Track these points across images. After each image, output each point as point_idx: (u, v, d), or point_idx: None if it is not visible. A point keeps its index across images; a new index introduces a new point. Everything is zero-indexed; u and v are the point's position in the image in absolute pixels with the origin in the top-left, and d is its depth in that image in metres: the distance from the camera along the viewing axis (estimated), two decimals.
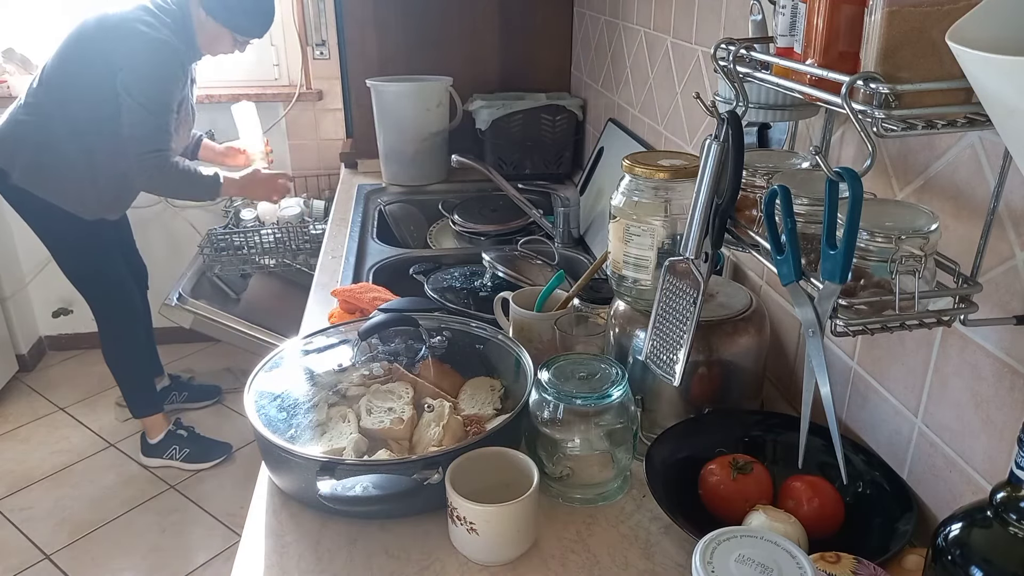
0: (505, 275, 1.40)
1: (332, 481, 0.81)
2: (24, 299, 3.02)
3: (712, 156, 0.78)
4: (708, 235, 0.80)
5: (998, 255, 0.69)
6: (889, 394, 0.87)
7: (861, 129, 0.57)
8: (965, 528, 0.54)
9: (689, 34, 1.40)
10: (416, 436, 0.93)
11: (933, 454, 0.80)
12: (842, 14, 0.62)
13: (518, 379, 1.00)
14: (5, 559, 2.11)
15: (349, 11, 2.20)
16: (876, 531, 0.79)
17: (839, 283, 0.62)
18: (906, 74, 0.56)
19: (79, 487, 2.39)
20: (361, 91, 2.17)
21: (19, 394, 2.88)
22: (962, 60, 0.47)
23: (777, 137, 1.09)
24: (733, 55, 0.76)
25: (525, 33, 2.28)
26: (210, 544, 2.18)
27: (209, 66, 2.86)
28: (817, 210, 0.69)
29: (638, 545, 0.82)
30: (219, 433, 2.58)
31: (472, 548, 0.80)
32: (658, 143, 1.60)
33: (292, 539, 0.84)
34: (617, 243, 0.96)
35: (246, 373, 0.98)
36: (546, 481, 0.88)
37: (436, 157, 2.14)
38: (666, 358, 0.86)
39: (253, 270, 2.55)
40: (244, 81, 2.91)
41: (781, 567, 0.59)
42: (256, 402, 0.93)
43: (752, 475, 0.83)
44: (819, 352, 0.67)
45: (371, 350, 1.06)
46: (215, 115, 2.87)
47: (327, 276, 1.56)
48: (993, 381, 0.71)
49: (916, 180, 0.80)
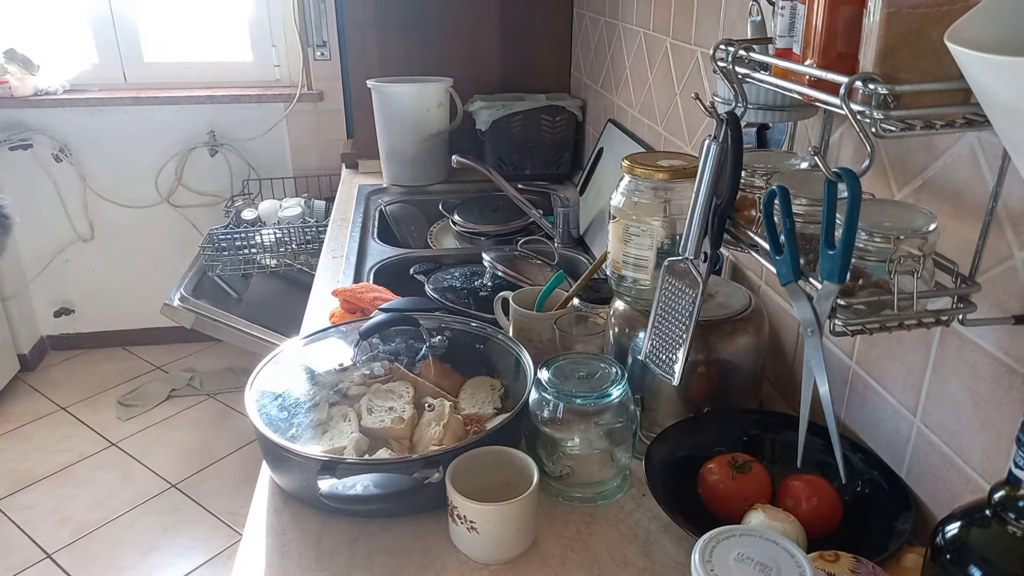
0: (505, 275, 1.40)
1: (333, 480, 0.81)
2: (26, 299, 3.02)
3: (711, 156, 0.78)
4: (707, 235, 0.81)
5: (996, 255, 0.69)
6: (888, 393, 0.87)
7: (860, 130, 0.57)
8: (964, 527, 0.55)
9: (688, 35, 1.40)
10: (416, 435, 0.93)
11: (932, 453, 0.80)
12: (841, 15, 0.62)
13: (518, 378, 1.00)
14: (6, 558, 2.11)
15: (349, 12, 2.20)
16: (875, 530, 0.79)
17: (838, 283, 0.62)
18: (905, 75, 0.56)
19: (81, 486, 2.40)
20: (362, 92, 2.18)
21: (21, 394, 2.88)
22: (961, 60, 0.47)
23: (776, 137, 1.09)
24: (732, 56, 0.76)
25: (525, 34, 2.29)
26: (211, 543, 2.18)
27: (209, 66, 2.88)
28: (816, 210, 0.70)
29: (637, 544, 0.82)
30: (219, 432, 2.59)
31: (472, 547, 0.80)
32: (657, 144, 1.60)
33: (293, 538, 0.84)
34: (617, 243, 0.97)
35: (247, 372, 0.98)
36: (546, 480, 0.88)
37: (436, 157, 2.14)
38: (665, 358, 0.86)
39: (254, 270, 2.55)
40: (244, 81, 2.92)
41: (780, 566, 0.59)
42: (257, 401, 0.94)
43: (751, 474, 0.84)
44: (818, 352, 0.67)
45: (372, 350, 1.06)
46: (216, 115, 2.88)
47: (328, 276, 1.57)
48: (991, 380, 0.71)
49: (914, 180, 0.80)
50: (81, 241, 3.00)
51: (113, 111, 2.82)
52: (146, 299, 3.03)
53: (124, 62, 2.85)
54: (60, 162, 2.85)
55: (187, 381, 2.91)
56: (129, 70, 2.86)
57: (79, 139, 2.85)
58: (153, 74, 2.87)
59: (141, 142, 2.88)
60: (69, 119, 2.81)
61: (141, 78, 2.87)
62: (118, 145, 2.87)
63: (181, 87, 2.86)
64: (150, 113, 2.85)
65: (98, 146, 2.87)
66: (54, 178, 2.88)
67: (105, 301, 3.12)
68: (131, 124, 2.85)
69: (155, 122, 2.86)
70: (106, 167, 2.90)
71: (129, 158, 2.90)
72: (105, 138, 2.86)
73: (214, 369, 3.00)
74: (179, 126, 2.88)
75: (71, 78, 2.81)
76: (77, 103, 2.76)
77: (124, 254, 3.05)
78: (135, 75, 2.87)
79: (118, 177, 2.92)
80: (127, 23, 2.79)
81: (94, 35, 2.79)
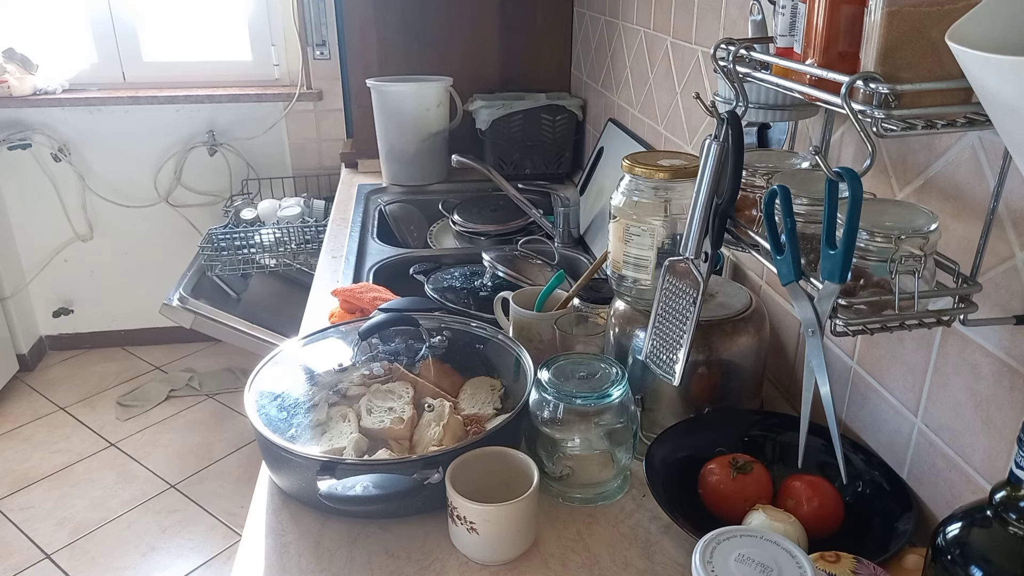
0: (505, 275, 1.40)
1: (332, 481, 0.81)
2: (24, 299, 3.02)
3: (712, 156, 0.78)
4: (708, 235, 0.80)
5: (998, 255, 0.69)
6: (889, 394, 0.87)
7: (861, 129, 0.57)
8: (965, 528, 0.54)
9: (689, 34, 1.40)
10: (416, 436, 0.93)
11: (933, 454, 0.80)
12: (842, 14, 0.62)
13: (518, 379, 1.00)
14: (6, 559, 2.11)
15: (349, 11, 2.20)
16: (876, 531, 0.79)
17: (839, 283, 0.62)
18: (906, 74, 0.56)
19: (80, 487, 2.39)
20: (361, 91, 2.17)
21: (20, 394, 2.88)
22: (962, 60, 0.47)
23: (777, 137, 1.09)
24: (733, 55, 0.76)
25: (525, 33, 2.28)
26: (210, 544, 2.18)
27: (208, 65, 2.88)
28: (817, 210, 0.70)
29: (638, 544, 0.82)
30: (219, 433, 2.59)
31: (472, 548, 0.80)
32: (658, 143, 1.60)
33: (292, 538, 0.84)
34: (617, 243, 0.96)
35: (246, 373, 0.98)
36: (546, 481, 0.88)
37: (436, 157, 2.14)
38: (666, 358, 0.86)
39: (253, 270, 2.55)
40: (244, 81, 2.91)
41: (781, 567, 0.59)
42: (256, 402, 0.93)
43: (752, 475, 0.83)
44: (819, 352, 0.67)
45: (371, 350, 1.06)
46: (215, 115, 2.87)
47: (327, 276, 1.56)
48: (993, 381, 0.71)
49: (916, 180, 0.80)
50: (80, 241, 3.00)
51: (112, 110, 2.82)
52: (145, 299, 3.03)
53: (123, 61, 2.84)
54: (59, 162, 2.84)
55: (186, 381, 2.91)
56: (128, 69, 2.86)
57: (78, 139, 2.85)
58: (152, 73, 2.87)
59: (140, 141, 2.88)
60: (68, 119, 2.81)
61: (140, 77, 2.87)
62: (117, 145, 2.87)
63: (180, 86, 2.86)
64: (149, 112, 2.84)
65: (97, 146, 2.87)
66: (53, 178, 2.88)
67: (104, 301, 3.12)
68: (130, 123, 2.85)
69: (154, 121, 2.86)
70: (105, 167, 2.90)
71: (128, 158, 2.90)
72: (104, 138, 2.85)
73: (213, 369, 3.00)
74: (178, 125, 2.88)
75: (70, 77, 2.81)
76: (76, 102, 2.75)
77: (123, 254, 3.04)
78: (134, 74, 2.86)
79: (117, 177, 2.92)
80: (126, 22, 2.79)
81: (93, 34, 2.79)
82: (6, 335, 2.88)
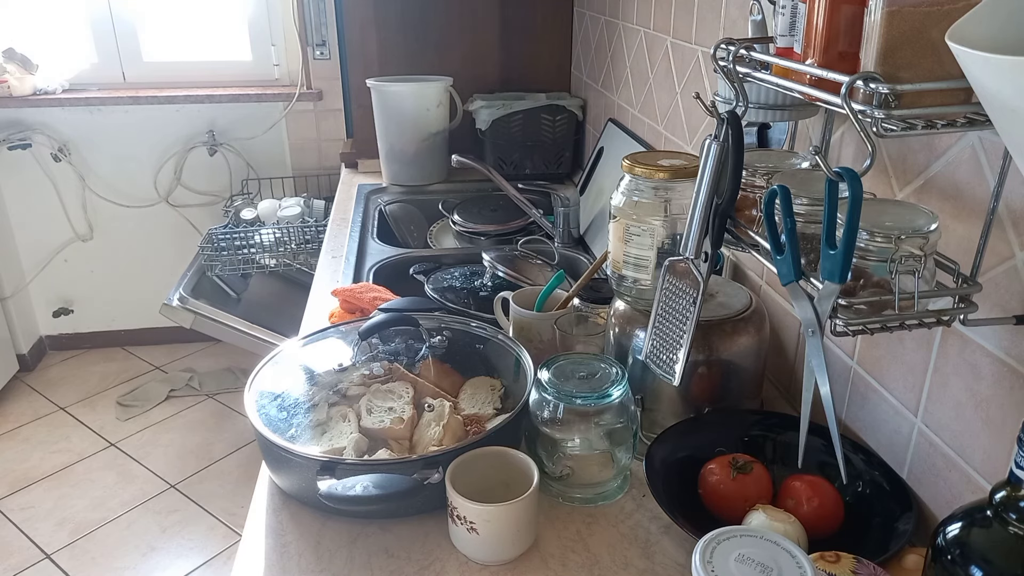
0: (505, 275, 1.40)
1: (332, 481, 0.81)
2: (24, 299, 3.02)
3: (712, 156, 0.78)
4: (708, 235, 0.80)
5: (998, 255, 0.69)
6: (889, 394, 0.87)
7: (861, 129, 0.57)
8: (965, 528, 0.54)
9: (689, 34, 1.40)
10: (416, 436, 0.93)
11: (933, 454, 0.80)
12: (842, 14, 0.62)
13: (518, 379, 1.00)
14: (6, 559, 2.11)
15: (349, 11, 2.20)
16: (876, 531, 0.79)
17: (839, 283, 0.62)
18: (906, 74, 0.56)
19: (80, 487, 2.39)
20: (361, 91, 2.17)
21: (19, 394, 2.88)
22: (962, 60, 0.47)
23: (777, 137, 1.09)
24: (733, 55, 0.76)
25: (525, 33, 2.28)
26: (210, 544, 2.18)
27: (208, 65, 2.88)
28: (817, 210, 0.70)
29: (638, 544, 0.82)
30: (218, 433, 2.59)
31: (472, 548, 0.80)
32: (658, 143, 1.60)
33: (292, 538, 0.84)
34: (617, 243, 0.96)
35: (246, 373, 0.98)
36: (546, 481, 0.88)
37: (436, 157, 2.14)
38: (666, 358, 0.86)
39: (253, 270, 2.55)
40: (244, 81, 2.91)
41: (781, 567, 0.59)
42: (256, 402, 0.93)
43: (752, 475, 0.83)
44: (819, 352, 0.67)
45: (371, 350, 1.06)
46: (215, 115, 2.87)
47: (327, 276, 1.56)
48: (993, 381, 0.71)
49: (916, 180, 0.80)
50: (80, 241, 3.00)
51: (112, 110, 2.82)
52: (145, 299, 3.03)
53: (123, 61, 2.84)
54: (59, 162, 2.84)
55: (186, 381, 2.91)
56: (128, 69, 2.86)
57: (78, 139, 2.85)
58: (152, 73, 2.87)
59: (140, 141, 2.88)
60: (68, 119, 2.81)
61: (140, 77, 2.87)
62: (117, 144, 2.87)
63: (180, 86, 2.86)
64: (149, 112, 2.84)
65: (97, 145, 2.87)
66: (53, 178, 2.88)
67: (104, 301, 3.11)
68: (130, 123, 2.85)
69: (154, 121, 2.86)
70: (105, 167, 2.90)
71: (128, 158, 2.90)
72: (104, 137, 2.85)
73: (213, 369, 3.00)
74: (178, 125, 2.88)
75: (70, 77, 2.81)
76: (76, 102, 2.75)
77: (123, 254, 3.04)
78: (134, 74, 2.86)
79: (117, 177, 2.92)
80: (126, 22, 2.79)
81: (93, 34, 2.79)
82: (6, 335, 2.88)
